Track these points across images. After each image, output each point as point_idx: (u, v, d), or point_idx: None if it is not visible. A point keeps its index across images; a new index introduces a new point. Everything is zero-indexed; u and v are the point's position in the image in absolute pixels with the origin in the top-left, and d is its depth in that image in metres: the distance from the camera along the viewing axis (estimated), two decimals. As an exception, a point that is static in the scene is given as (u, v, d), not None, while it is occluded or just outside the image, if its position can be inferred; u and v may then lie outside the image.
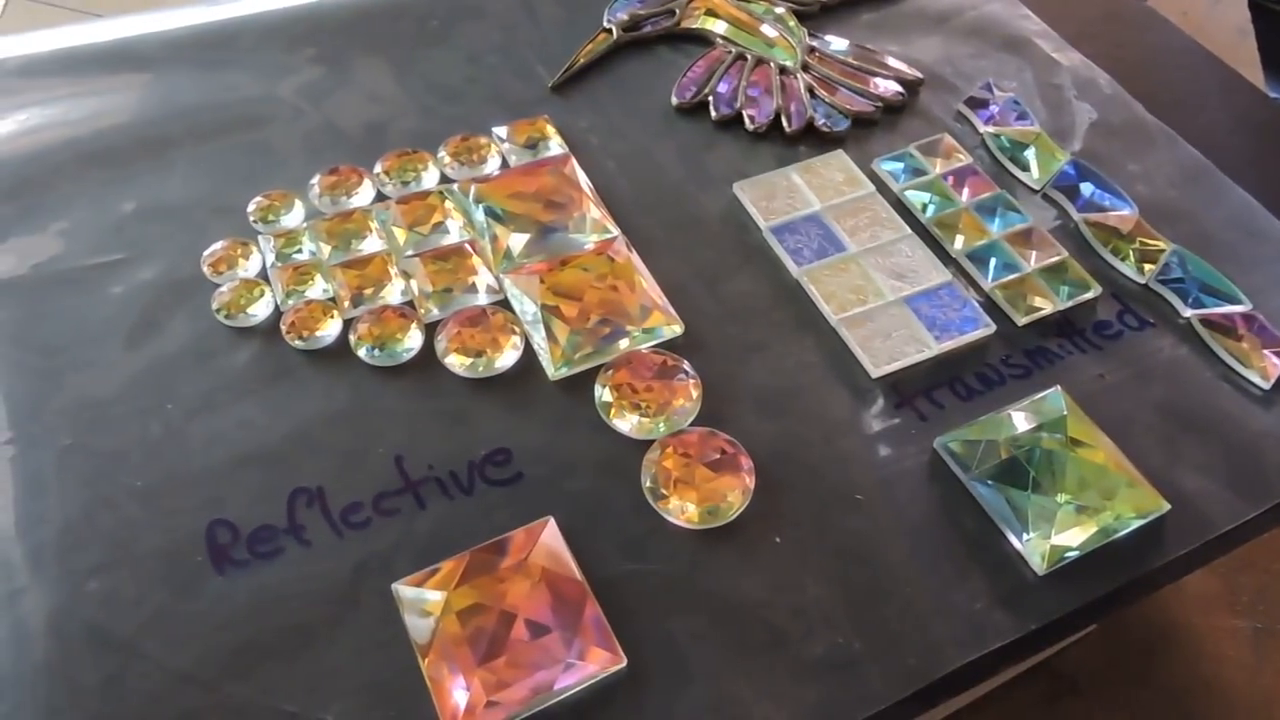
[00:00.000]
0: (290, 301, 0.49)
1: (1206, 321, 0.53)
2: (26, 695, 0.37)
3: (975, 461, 0.45)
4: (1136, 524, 0.44)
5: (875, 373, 0.49)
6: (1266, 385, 0.50)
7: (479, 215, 0.53)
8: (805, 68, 0.64)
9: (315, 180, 0.55)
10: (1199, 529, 0.45)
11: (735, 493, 0.44)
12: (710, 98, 0.62)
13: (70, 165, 0.55)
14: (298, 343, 0.48)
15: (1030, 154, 0.60)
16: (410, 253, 0.52)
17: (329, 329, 0.48)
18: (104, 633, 0.39)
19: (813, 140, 0.61)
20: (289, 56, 0.62)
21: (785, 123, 0.61)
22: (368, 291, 0.50)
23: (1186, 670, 0.71)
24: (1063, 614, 0.42)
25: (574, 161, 0.57)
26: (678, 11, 0.67)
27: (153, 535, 0.41)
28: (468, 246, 0.52)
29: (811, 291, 0.52)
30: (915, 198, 0.57)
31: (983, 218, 0.56)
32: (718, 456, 0.44)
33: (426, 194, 0.54)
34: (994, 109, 0.63)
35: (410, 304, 0.50)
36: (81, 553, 0.41)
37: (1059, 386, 0.48)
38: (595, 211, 0.54)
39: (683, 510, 0.43)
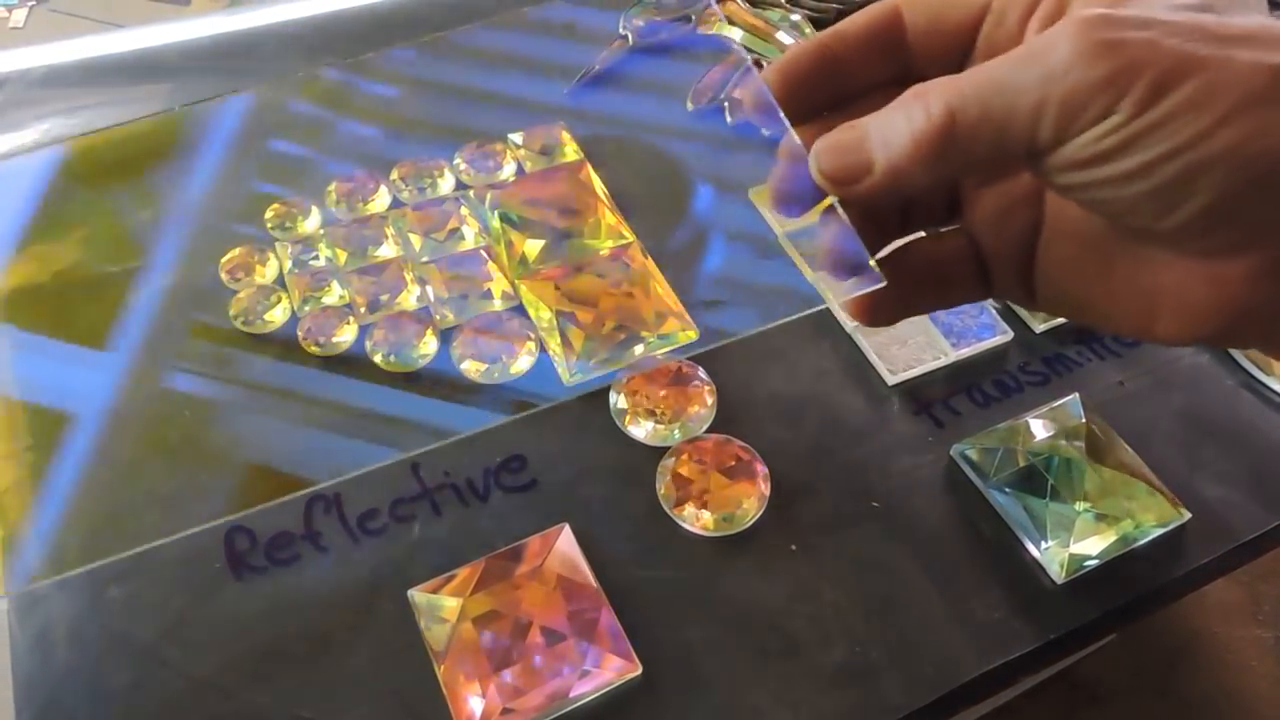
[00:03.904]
0: (307, 308, 0.50)
1: (1227, 328, 0.52)
2: (48, 702, 0.37)
3: (993, 469, 0.45)
4: (1156, 532, 0.44)
5: (892, 380, 0.49)
6: (1289, 392, 0.50)
7: (494, 221, 0.53)
8: (821, 74, 0.64)
9: (331, 187, 0.55)
10: (1220, 537, 0.45)
11: (750, 500, 0.43)
12: (726, 103, 0.62)
13: (91, 173, 0.55)
14: (314, 349, 0.48)
15: (1048, 159, 0.59)
16: (426, 259, 0.52)
17: (345, 335, 0.49)
18: (125, 639, 0.39)
19: (828, 146, 0.60)
20: (307, 66, 0.63)
21: (801, 129, 0.60)
22: (383, 298, 0.50)
23: (1208, 681, 0.70)
24: (1082, 623, 0.42)
25: (589, 167, 0.57)
26: (693, 18, 0.67)
27: (172, 542, 0.42)
28: (483, 253, 0.52)
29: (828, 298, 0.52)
30: (932, 204, 0.57)
31: (1000, 223, 0.56)
32: (733, 463, 0.44)
33: (442, 200, 0.54)
34: (1011, 114, 0.62)
35: (426, 310, 0.50)
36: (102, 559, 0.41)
37: (1077, 394, 0.48)
38: (610, 217, 0.54)
39: (698, 517, 0.43)
